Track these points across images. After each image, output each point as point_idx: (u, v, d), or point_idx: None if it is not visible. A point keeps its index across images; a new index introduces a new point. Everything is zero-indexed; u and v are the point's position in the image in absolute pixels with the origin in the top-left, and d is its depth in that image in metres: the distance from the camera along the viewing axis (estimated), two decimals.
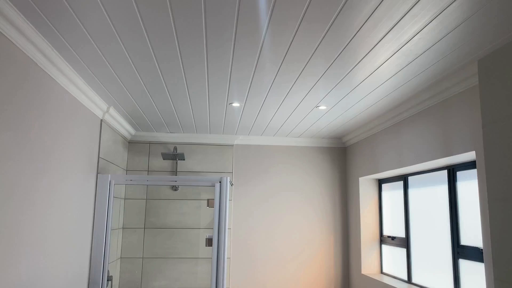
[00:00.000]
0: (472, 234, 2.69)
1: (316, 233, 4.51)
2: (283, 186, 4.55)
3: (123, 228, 4.26)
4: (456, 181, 2.89)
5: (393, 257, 3.83)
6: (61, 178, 2.56)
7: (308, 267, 4.44)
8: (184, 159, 4.33)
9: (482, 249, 2.54)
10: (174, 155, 4.25)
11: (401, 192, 3.70)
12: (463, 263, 2.76)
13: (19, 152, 2.02)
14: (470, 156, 2.56)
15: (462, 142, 2.50)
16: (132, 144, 4.40)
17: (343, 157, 4.67)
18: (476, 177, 2.63)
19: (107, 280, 3.41)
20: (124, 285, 4.18)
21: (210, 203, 4.36)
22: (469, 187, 2.75)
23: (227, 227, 3.37)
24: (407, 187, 3.58)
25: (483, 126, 1.05)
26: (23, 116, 2.04)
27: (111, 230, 3.36)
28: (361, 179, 4.21)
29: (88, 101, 2.95)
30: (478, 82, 1.09)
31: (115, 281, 4.08)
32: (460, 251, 2.79)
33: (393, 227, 3.84)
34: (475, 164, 2.66)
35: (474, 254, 2.64)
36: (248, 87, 2.79)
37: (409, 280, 3.46)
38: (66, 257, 2.69)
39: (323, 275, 4.44)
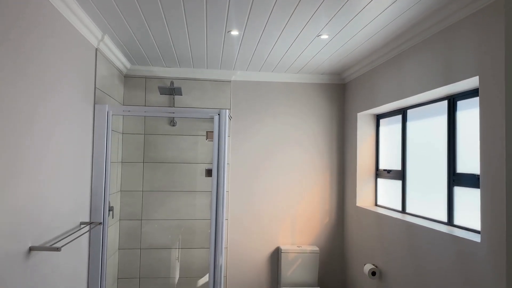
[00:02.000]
0: (469, 161, 2.73)
1: (312, 167, 4.57)
2: (281, 122, 4.55)
3: (122, 162, 4.29)
4: (456, 110, 2.89)
5: (388, 190, 3.92)
6: (58, 106, 2.52)
7: (304, 200, 4.55)
8: (181, 94, 4.28)
9: (478, 175, 2.59)
10: (171, 90, 4.19)
11: (399, 125, 3.71)
12: (458, 190, 2.83)
13: (16, 76, 1.96)
14: (472, 83, 2.54)
15: (465, 67, 2.46)
16: (128, 79, 4.32)
17: (341, 94, 4.64)
18: (478, 105, 2.63)
19: (109, 210, 3.48)
20: (124, 216, 4.28)
21: (209, 135, 4.36)
22: (469, 115, 2.75)
23: (226, 159, 3.39)
24: (406, 120, 3.58)
25: (505, 10, 0.96)
26: (21, 39, 1.96)
27: (110, 162, 3.38)
28: (359, 115, 4.21)
29: (83, 27, 2.85)
30: None
31: (116, 211, 4.16)
32: (455, 179, 2.85)
33: (390, 160, 3.90)
34: (477, 92, 2.64)
35: (469, 180, 2.69)
36: (249, 9, 2.69)
37: (403, 210, 3.56)
38: (67, 185, 2.71)
39: (318, 208, 4.56)
